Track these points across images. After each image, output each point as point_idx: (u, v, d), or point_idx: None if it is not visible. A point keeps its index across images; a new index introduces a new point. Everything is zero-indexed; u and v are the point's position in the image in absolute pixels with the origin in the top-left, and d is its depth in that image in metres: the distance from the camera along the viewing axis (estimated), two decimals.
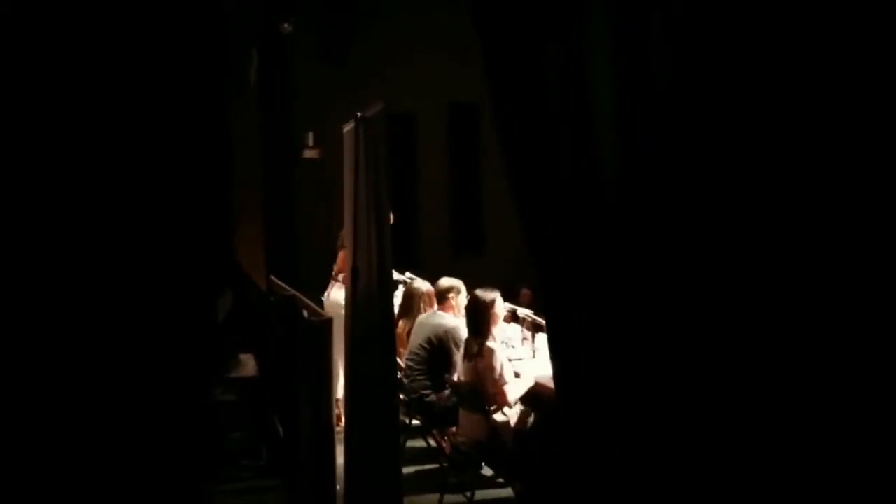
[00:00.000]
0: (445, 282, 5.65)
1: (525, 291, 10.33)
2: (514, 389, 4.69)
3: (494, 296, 4.84)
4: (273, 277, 7.09)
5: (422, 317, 5.58)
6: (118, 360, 2.52)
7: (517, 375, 4.81)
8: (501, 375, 4.63)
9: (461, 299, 5.45)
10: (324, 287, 6.67)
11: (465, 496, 4.84)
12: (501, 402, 4.68)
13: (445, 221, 11.02)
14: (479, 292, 4.85)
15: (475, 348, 4.74)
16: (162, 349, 2.61)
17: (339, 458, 4.29)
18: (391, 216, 3.69)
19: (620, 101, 1.85)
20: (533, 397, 4.81)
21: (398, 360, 5.12)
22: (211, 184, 3.06)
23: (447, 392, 5.22)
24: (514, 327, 6.02)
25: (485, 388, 4.64)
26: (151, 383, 2.58)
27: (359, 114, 3.81)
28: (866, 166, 1.63)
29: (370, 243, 3.70)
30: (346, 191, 4.10)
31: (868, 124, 1.63)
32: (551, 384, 4.69)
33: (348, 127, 4.06)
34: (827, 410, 1.65)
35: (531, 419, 4.84)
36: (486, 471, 5.15)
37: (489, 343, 4.72)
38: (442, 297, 5.55)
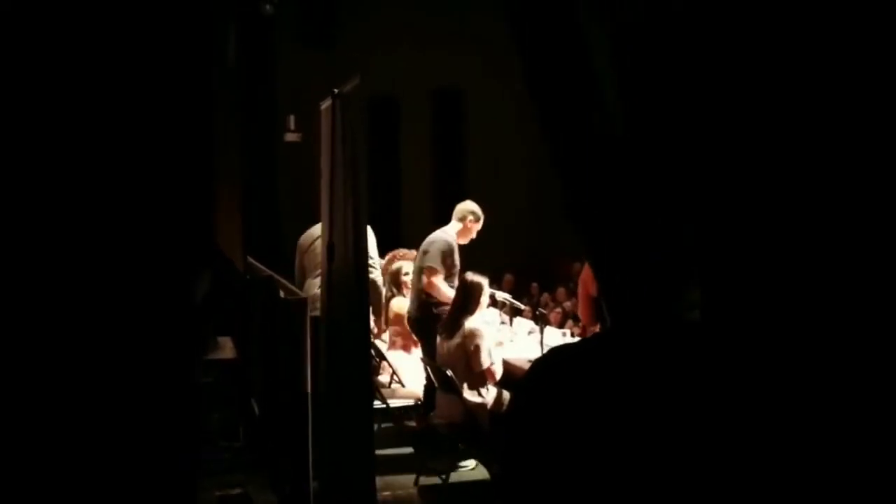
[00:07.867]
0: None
1: (508, 277, 10.34)
2: (500, 368, 4.81)
3: (485, 282, 4.99)
4: (250, 258, 7.05)
5: None
6: (96, 343, 2.49)
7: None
8: (490, 353, 4.76)
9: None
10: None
11: (441, 478, 4.82)
12: (491, 380, 4.78)
13: (428, 207, 10.98)
14: (472, 275, 5.00)
15: (459, 328, 4.80)
16: (139, 331, 2.58)
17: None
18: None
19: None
20: (507, 378, 4.85)
21: None
22: (189, 164, 3.03)
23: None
24: (492, 311, 6.07)
25: (470, 368, 4.71)
26: (129, 366, 2.56)
27: (335, 90, 3.77)
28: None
29: (346, 219, 3.66)
30: (324, 167, 4.06)
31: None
32: (521, 364, 4.79)
33: (325, 104, 4.01)
34: (830, 408, 1.60)
35: (506, 400, 4.87)
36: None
37: (474, 324, 4.78)
38: None
